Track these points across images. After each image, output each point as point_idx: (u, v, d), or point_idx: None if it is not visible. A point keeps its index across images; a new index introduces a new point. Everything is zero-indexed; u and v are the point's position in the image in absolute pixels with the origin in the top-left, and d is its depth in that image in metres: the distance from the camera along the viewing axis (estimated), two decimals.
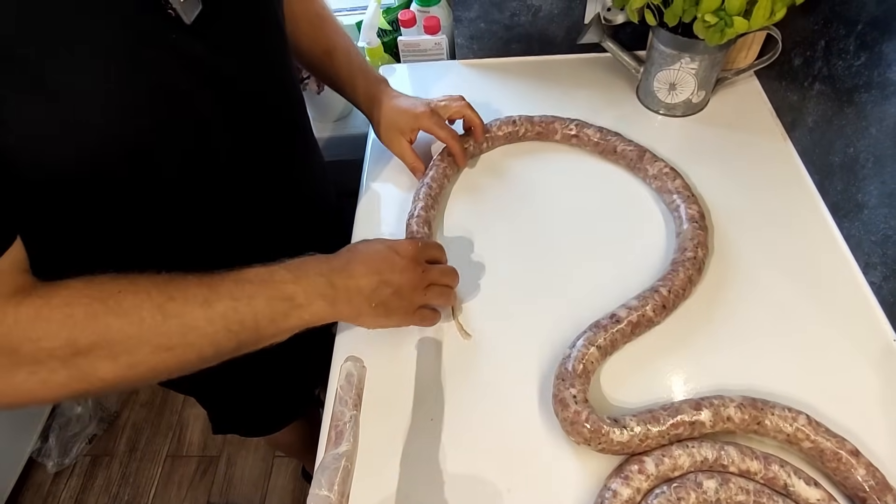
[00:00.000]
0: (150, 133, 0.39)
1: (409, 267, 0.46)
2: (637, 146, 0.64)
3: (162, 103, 0.39)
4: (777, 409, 0.42)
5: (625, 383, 0.48)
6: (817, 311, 0.52)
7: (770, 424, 0.41)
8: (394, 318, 0.47)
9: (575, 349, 0.46)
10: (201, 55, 0.41)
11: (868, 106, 0.52)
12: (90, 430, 1.30)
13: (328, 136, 0.98)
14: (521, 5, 0.74)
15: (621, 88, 0.75)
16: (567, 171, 0.66)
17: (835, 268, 0.55)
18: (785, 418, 0.41)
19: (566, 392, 0.43)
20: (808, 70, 0.61)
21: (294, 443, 0.99)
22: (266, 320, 0.41)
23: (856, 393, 0.46)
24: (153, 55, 0.37)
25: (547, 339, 0.51)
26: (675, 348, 0.50)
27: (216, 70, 0.42)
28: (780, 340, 0.50)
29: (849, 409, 0.45)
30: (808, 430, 0.41)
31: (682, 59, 0.64)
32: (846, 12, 0.54)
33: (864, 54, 0.52)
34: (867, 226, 0.53)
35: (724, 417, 0.41)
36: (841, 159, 0.56)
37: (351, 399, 0.40)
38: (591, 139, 0.66)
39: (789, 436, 0.41)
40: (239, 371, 0.68)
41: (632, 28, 0.70)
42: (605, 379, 0.49)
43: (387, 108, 0.62)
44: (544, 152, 0.68)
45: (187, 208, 0.47)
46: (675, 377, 0.49)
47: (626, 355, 0.50)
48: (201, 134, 0.44)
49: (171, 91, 0.39)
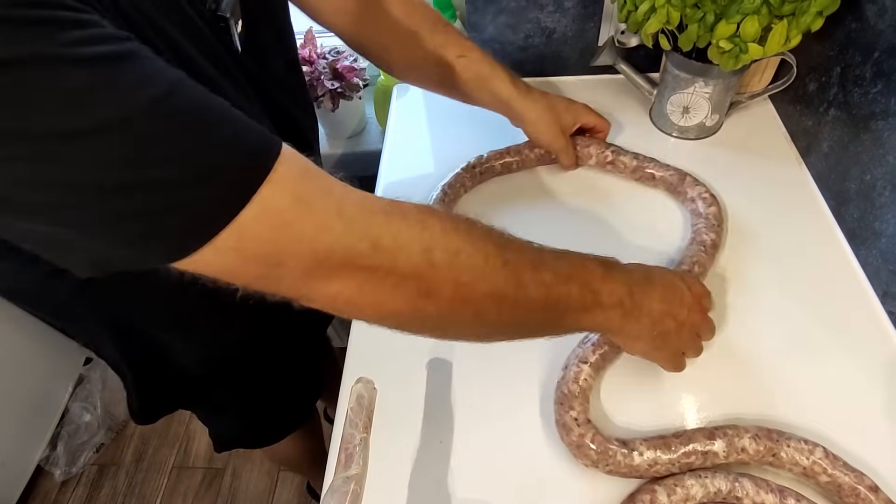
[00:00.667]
0: None
1: (694, 307, 0.44)
2: (677, 170, 0.63)
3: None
4: (793, 441, 0.41)
5: (628, 402, 0.48)
6: (834, 339, 0.51)
7: (786, 457, 0.41)
8: (663, 354, 0.45)
9: (568, 370, 0.46)
10: (251, 74, 0.44)
11: (885, 133, 0.51)
12: (98, 439, 1.31)
13: (341, 153, 0.99)
14: (536, 27, 0.74)
15: (634, 110, 0.75)
16: (587, 191, 0.66)
17: (852, 296, 0.54)
18: (801, 451, 0.41)
19: (567, 416, 0.43)
20: (824, 96, 0.61)
21: (296, 457, 0.98)
22: (573, 308, 0.39)
23: (874, 425, 0.45)
24: (212, 73, 0.39)
25: (557, 358, 0.51)
26: (687, 371, 0.49)
27: (263, 89, 0.46)
28: (795, 368, 0.49)
29: (867, 442, 0.44)
30: (825, 463, 0.40)
31: (696, 83, 0.64)
32: (862, 39, 0.54)
33: (881, 82, 0.52)
34: (885, 254, 0.52)
35: (739, 448, 0.41)
36: (857, 186, 0.56)
37: (361, 422, 0.39)
38: (628, 166, 0.66)
39: (805, 469, 0.40)
40: (238, 379, 0.69)
41: (645, 51, 0.70)
42: (606, 396, 0.48)
43: (538, 98, 0.61)
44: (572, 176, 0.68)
45: None
46: (685, 400, 0.48)
47: (627, 372, 0.49)
48: None
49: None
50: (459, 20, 0.89)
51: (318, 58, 0.87)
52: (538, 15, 0.73)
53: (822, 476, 0.40)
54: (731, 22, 0.53)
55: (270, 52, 0.48)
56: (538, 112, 0.61)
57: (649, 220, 0.63)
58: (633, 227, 0.62)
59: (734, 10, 0.53)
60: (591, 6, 0.71)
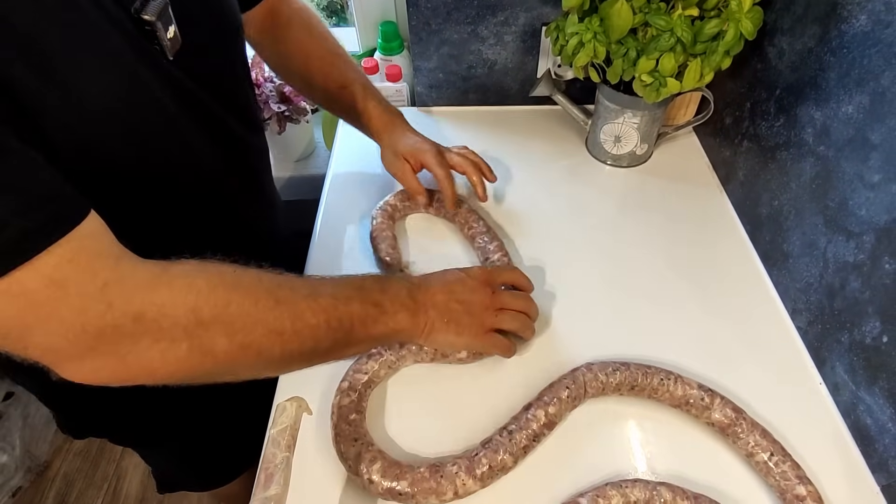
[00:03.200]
0: (143, 139, 0.41)
1: (478, 287, 0.49)
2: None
3: (154, 116, 0.41)
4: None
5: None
6: (751, 354, 0.54)
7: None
8: (464, 337, 0.48)
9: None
10: (184, 83, 0.43)
11: (788, 163, 0.56)
12: (15, 482, 1.20)
13: (289, 176, 0.99)
14: (478, 59, 0.78)
15: (571, 139, 0.79)
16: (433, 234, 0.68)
17: (767, 314, 0.58)
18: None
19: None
20: (738, 128, 0.66)
21: (239, 493, 0.93)
22: (359, 322, 0.43)
23: (786, 437, 0.47)
24: (150, 76, 0.40)
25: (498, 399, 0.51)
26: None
27: (195, 96, 0.45)
28: (714, 383, 0.51)
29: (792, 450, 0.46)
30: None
31: (625, 114, 0.69)
32: (767, 78, 0.60)
33: (783, 116, 0.57)
34: (792, 273, 0.56)
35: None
36: (768, 211, 0.60)
37: (284, 440, 0.38)
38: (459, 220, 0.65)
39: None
40: (188, 420, 0.65)
41: (581, 84, 0.74)
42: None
43: (397, 135, 0.64)
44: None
45: (164, 225, 0.47)
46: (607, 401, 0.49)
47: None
48: (184, 150, 0.46)
49: (160, 107, 0.41)
50: (406, 49, 0.92)
51: (265, 81, 0.87)
52: (480, 47, 0.76)
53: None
54: (651, 58, 0.58)
55: (210, 64, 0.47)
56: (385, 146, 0.65)
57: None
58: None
59: (653, 48, 0.57)
60: (529, 40, 0.75)
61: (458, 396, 0.51)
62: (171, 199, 0.46)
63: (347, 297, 0.42)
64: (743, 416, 0.45)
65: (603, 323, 0.57)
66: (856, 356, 0.47)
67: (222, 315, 0.36)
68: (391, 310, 0.45)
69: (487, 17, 0.72)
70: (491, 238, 0.61)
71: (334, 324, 0.41)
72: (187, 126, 0.45)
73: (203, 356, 0.35)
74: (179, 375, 0.36)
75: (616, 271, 0.62)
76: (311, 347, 0.40)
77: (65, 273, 0.30)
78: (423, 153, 0.62)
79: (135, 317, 0.32)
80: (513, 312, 0.50)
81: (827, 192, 0.51)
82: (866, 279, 0.46)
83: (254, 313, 0.37)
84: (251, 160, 0.58)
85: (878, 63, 0.44)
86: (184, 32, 0.42)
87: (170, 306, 0.34)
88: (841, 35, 0.48)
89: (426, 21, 0.73)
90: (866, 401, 0.46)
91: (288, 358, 0.40)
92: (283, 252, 0.68)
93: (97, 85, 0.36)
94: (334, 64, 0.64)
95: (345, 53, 0.66)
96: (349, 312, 0.42)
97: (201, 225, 0.51)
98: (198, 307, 0.35)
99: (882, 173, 0.44)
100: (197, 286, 0.35)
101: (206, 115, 0.47)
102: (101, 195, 0.38)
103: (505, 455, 0.42)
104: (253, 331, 0.37)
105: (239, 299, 0.36)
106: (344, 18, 1.16)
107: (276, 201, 0.68)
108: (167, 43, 0.40)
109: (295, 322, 0.39)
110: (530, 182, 0.72)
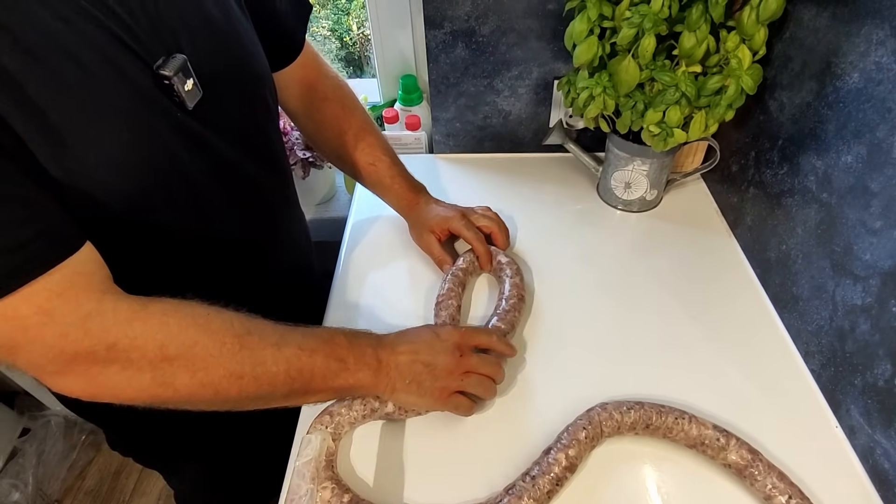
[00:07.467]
0: (152, 191, 0.43)
1: (447, 350, 0.49)
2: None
3: (165, 167, 0.44)
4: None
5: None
6: (765, 397, 0.54)
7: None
8: (425, 399, 0.49)
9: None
10: (200, 133, 0.46)
11: (793, 209, 0.58)
12: None
13: (311, 219, 1.03)
14: (493, 109, 0.82)
15: (583, 185, 0.82)
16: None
17: (780, 356, 0.58)
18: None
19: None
20: (744, 175, 0.68)
21: None
22: (319, 375, 0.45)
23: (803, 480, 0.47)
24: (163, 128, 0.42)
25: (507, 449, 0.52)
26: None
27: (212, 147, 0.48)
28: (728, 424, 0.51)
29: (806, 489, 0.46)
30: None
31: (635, 161, 0.72)
32: (769, 129, 0.63)
33: (786, 165, 0.59)
34: (803, 316, 0.57)
35: None
36: (776, 255, 0.62)
37: (309, 472, 0.40)
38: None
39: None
40: (215, 443, 0.66)
41: (592, 132, 0.78)
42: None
43: (421, 210, 0.68)
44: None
45: (177, 265, 0.49)
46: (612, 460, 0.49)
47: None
48: (195, 198, 0.48)
49: (172, 157, 0.44)
50: (426, 101, 0.97)
51: (292, 129, 0.92)
52: (495, 99, 0.81)
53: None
54: (658, 110, 0.61)
55: (229, 113, 0.50)
56: (413, 222, 0.70)
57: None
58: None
59: (659, 101, 0.61)
60: (542, 93, 0.80)
61: (472, 442, 0.52)
62: (179, 242, 0.48)
63: (313, 349, 0.45)
64: (759, 457, 0.46)
65: (615, 365, 0.58)
66: (870, 399, 0.48)
67: (187, 354, 0.39)
68: (354, 367, 0.46)
69: (503, 72, 0.77)
70: (514, 272, 0.63)
71: (294, 373, 0.43)
72: (200, 173, 0.47)
73: (164, 387, 0.39)
74: (141, 400, 0.40)
75: (627, 313, 0.63)
76: (267, 392, 0.43)
77: (53, 304, 0.35)
78: (449, 220, 0.66)
79: (108, 346, 0.37)
80: (478, 377, 0.50)
81: (832, 237, 0.52)
82: (875, 322, 0.47)
83: (217, 356, 0.40)
84: (272, 201, 0.60)
85: (873, 117, 0.47)
86: (203, 84, 0.45)
87: (141, 340, 0.38)
88: (836, 91, 0.51)
89: (445, 75, 0.78)
90: (883, 444, 0.47)
91: (244, 399, 0.43)
92: (310, 284, 0.71)
93: (106, 144, 0.39)
94: (365, 140, 0.68)
95: (374, 127, 0.70)
96: (311, 364, 0.44)
97: (212, 266, 0.53)
98: (166, 344, 0.39)
99: (883, 219, 0.46)
100: (169, 325, 0.39)
101: (222, 161, 0.49)
102: (108, 239, 0.41)
103: (529, 501, 0.43)
104: (214, 371, 0.40)
105: (205, 341, 0.40)
106: (360, 69, 1.23)
107: (300, 240, 0.70)
108: (185, 95, 0.43)
109: (255, 367, 0.42)
110: (543, 226, 0.75)
